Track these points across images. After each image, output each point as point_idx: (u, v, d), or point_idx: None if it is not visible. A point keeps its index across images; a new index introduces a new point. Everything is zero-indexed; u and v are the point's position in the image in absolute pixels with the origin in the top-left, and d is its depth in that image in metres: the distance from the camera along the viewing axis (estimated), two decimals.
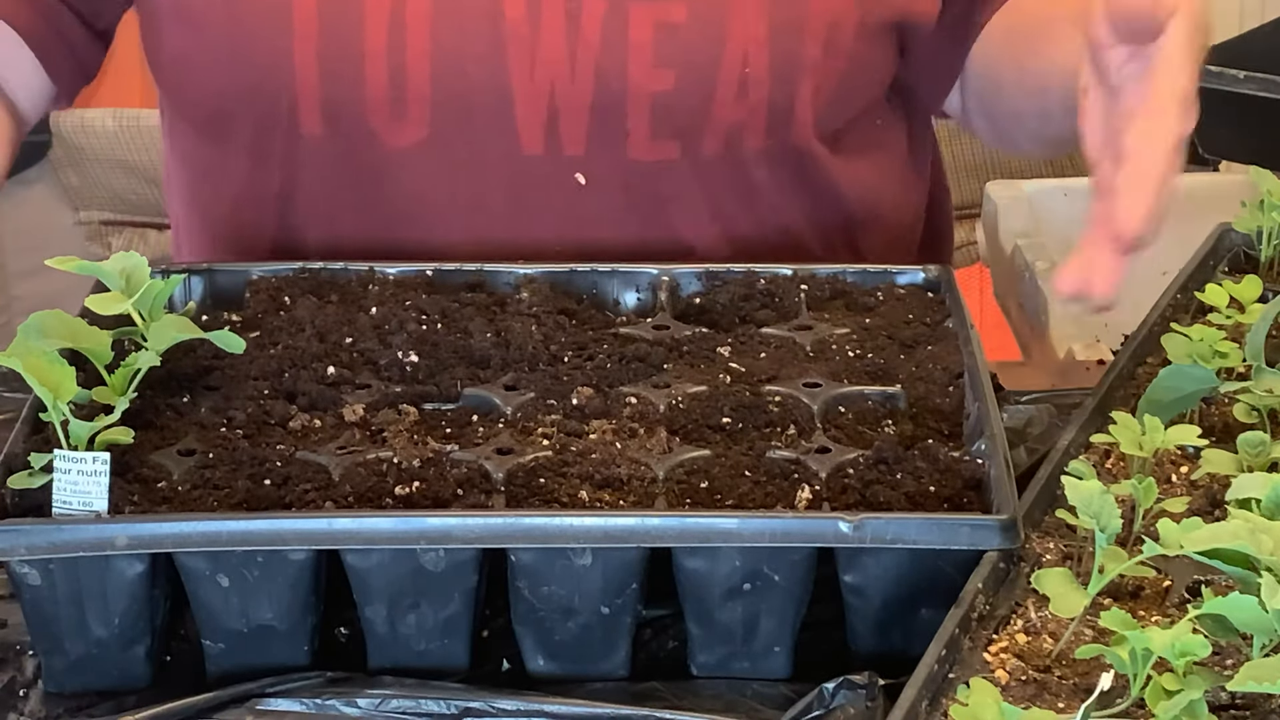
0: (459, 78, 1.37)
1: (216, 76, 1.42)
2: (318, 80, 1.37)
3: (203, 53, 1.42)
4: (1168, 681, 0.89)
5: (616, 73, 1.36)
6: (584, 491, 1.09)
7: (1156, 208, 1.09)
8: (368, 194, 1.42)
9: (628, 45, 1.36)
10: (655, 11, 1.36)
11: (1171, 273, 1.36)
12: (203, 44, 1.42)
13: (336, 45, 1.36)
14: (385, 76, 1.36)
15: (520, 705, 1.06)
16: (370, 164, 1.41)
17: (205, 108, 1.46)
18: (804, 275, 1.36)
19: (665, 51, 1.36)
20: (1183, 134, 1.11)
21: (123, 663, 1.10)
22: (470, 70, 1.36)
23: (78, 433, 1.09)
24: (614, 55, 1.36)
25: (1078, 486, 0.98)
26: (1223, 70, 1.75)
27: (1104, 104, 1.14)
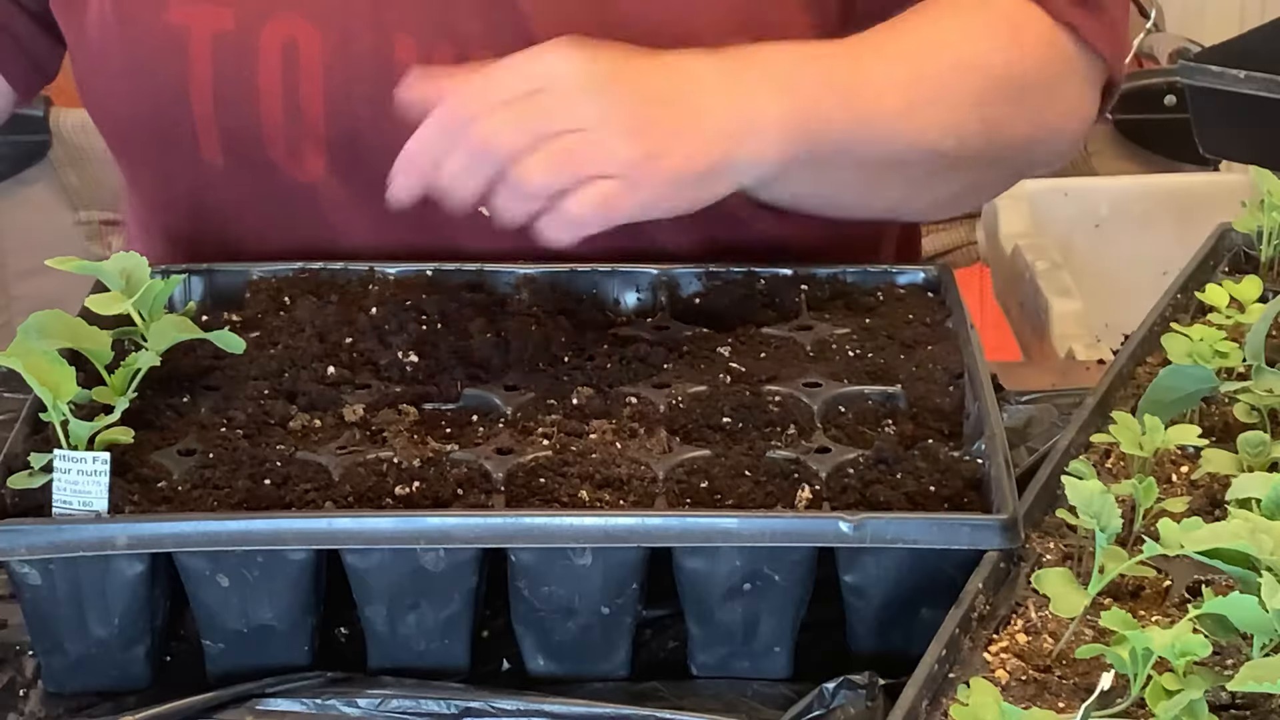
0: (350, 120, 1.36)
1: (118, 102, 1.42)
2: (213, 113, 1.37)
3: (103, 78, 1.41)
4: (1168, 681, 0.89)
5: None
6: (584, 491, 1.09)
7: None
8: (277, 219, 1.41)
9: None
10: None
11: (1171, 273, 1.36)
12: (103, 70, 1.41)
13: (231, 79, 1.36)
14: (280, 112, 1.36)
15: (520, 705, 1.06)
16: (275, 193, 1.39)
17: (112, 129, 1.46)
18: (804, 275, 1.36)
19: None
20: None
21: (123, 663, 1.10)
22: (361, 113, 1.35)
23: (78, 433, 1.09)
24: None
25: (1078, 486, 0.98)
26: (1223, 70, 1.75)
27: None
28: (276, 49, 1.34)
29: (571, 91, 1.19)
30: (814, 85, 1.26)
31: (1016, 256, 2.11)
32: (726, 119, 1.22)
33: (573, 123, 1.18)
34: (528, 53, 1.21)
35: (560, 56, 1.21)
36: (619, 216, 1.19)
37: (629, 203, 1.19)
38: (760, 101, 1.24)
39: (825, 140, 1.26)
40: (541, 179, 1.18)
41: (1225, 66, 1.75)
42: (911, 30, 1.33)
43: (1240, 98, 1.75)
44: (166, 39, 1.36)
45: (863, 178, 1.33)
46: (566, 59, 1.20)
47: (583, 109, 1.19)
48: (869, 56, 1.31)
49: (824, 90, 1.26)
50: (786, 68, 1.26)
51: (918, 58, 1.32)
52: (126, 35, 1.38)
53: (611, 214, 1.19)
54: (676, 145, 1.20)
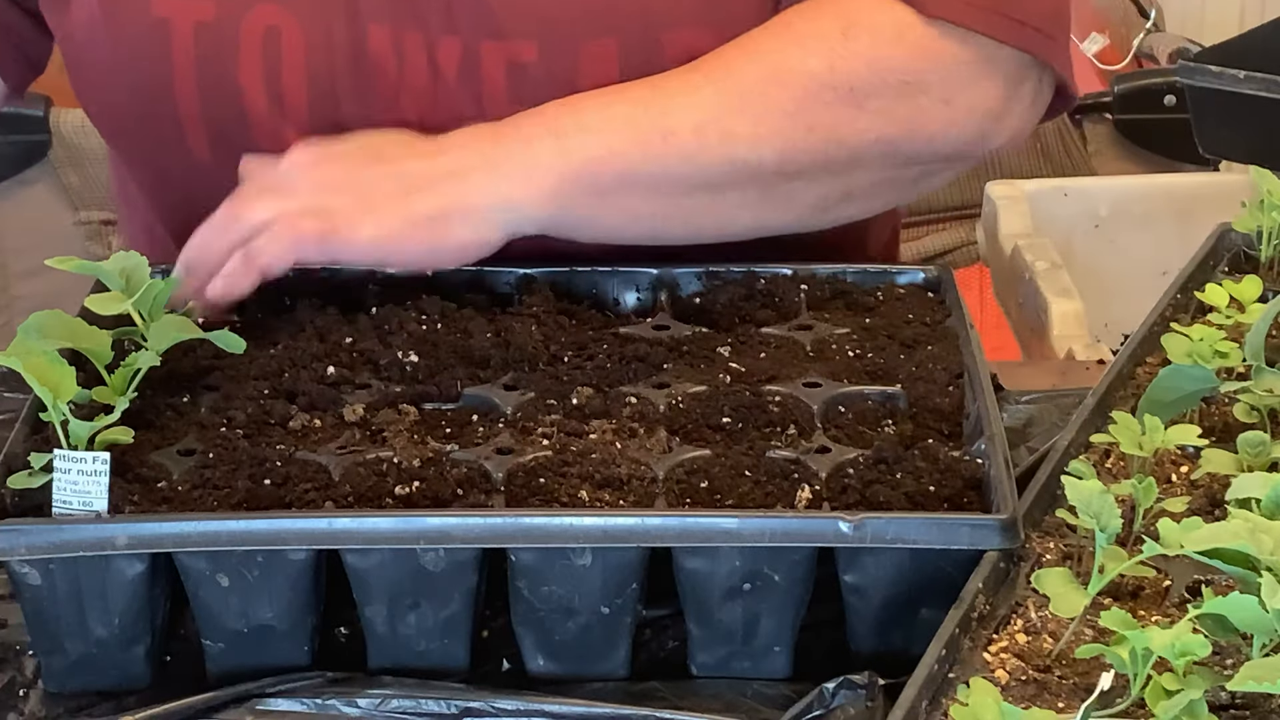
0: (332, 108, 1.36)
1: (105, 97, 1.42)
2: (199, 106, 1.37)
3: (92, 73, 1.42)
4: (1168, 681, 0.89)
5: (473, 111, 1.35)
6: (584, 491, 1.09)
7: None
8: None
9: (481, 83, 1.35)
10: (505, 50, 1.34)
11: (1171, 273, 1.36)
12: (90, 65, 1.41)
13: (214, 71, 1.36)
14: (264, 103, 1.36)
15: (520, 705, 1.06)
16: None
17: (104, 123, 1.47)
18: (804, 275, 1.36)
19: (518, 91, 1.34)
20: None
21: (123, 663, 1.10)
22: (341, 101, 1.36)
23: (78, 433, 1.09)
24: (470, 94, 1.35)
25: (1078, 486, 0.98)
26: (1223, 70, 1.75)
27: None
28: (257, 39, 1.35)
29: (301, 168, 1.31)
30: (593, 120, 1.29)
31: (1016, 256, 2.11)
32: (468, 166, 1.29)
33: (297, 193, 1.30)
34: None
35: (303, 146, 1.32)
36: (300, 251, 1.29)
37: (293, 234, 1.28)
38: (517, 145, 1.29)
39: (608, 169, 1.29)
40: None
41: (1225, 66, 1.75)
42: (727, 50, 1.33)
43: (1240, 98, 1.75)
44: (150, 33, 1.36)
45: (673, 199, 1.32)
46: (306, 146, 1.32)
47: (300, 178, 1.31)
48: (674, 80, 1.32)
49: (605, 123, 1.29)
50: (558, 111, 1.30)
51: (729, 73, 1.32)
52: (111, 30, 1.38)
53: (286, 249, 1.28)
54: (397, 196, 1.29)
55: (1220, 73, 1.75)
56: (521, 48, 1.34)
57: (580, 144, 1.29)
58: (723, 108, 1.30)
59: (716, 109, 1.30)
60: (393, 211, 1.28)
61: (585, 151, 1.28)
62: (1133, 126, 2.71)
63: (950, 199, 2.75)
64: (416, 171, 1.29)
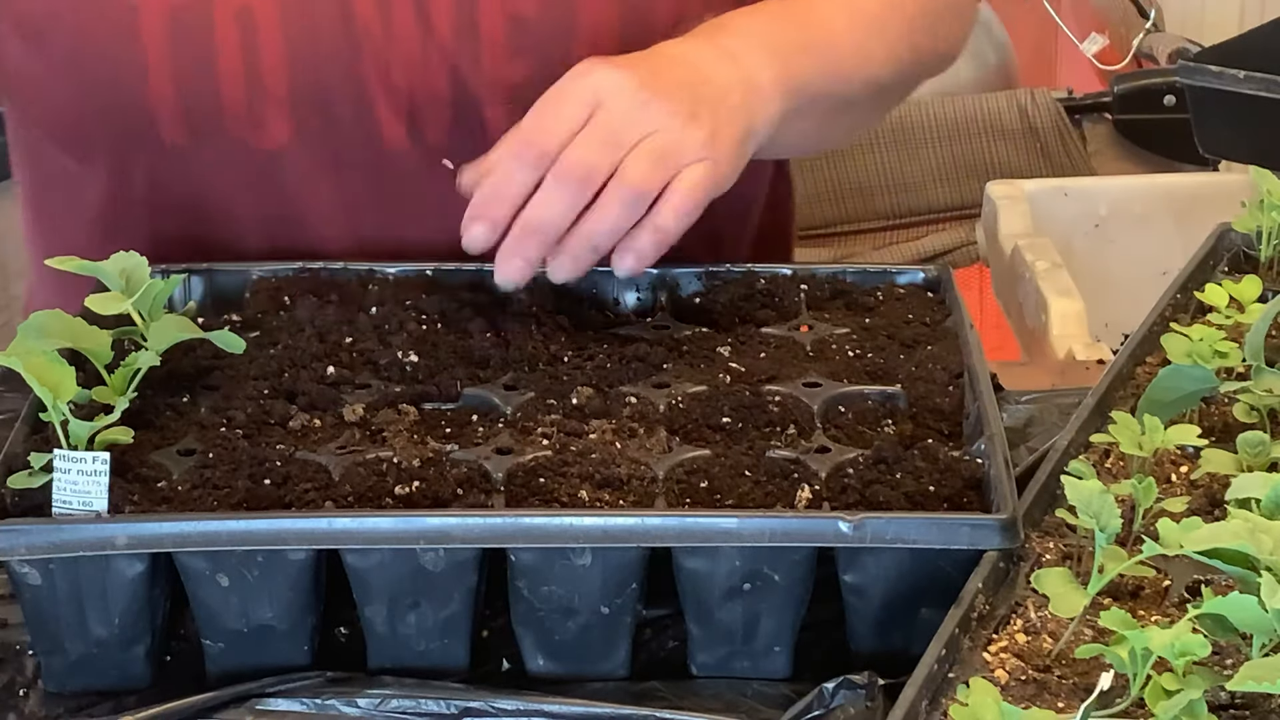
0: (315, 80, 1.35)
1: (68, 95, 1.39)
2: (174, 92, 1.35)
3: (51, 71, 1.39)
4: (1167, 681, 0.89)
5: (470, 67, 1.36)
6: (584, 491, 1.09)
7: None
8: (239, 198, 1.40)
9: (479, 39, 1.35)
10: (505, 3, 1.35)
11: (1171, 273, 1.36)
12: (50, 62, 1.38)
13: (189, 55, 1.34)
14: (242, 83, 1.35)
15: (520, 705, 1.06)
16: (238, 164, 1.38)
17: (60, 125, 1.42)
18: (804, 275, 1.36)
19: (517, 43, 1.36)
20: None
21: (123, 663, 1.10)
22: (325, 71, 1.35)
23: (78, 432, 1.09)
24: (466, 50, 1.35)
25: (1078, 486, 0.98)
26: (1223, 70, 1.75)
27: None
28: (231, 19, 1.33)
29: (625, 100, 1.24)
30: (786, 43, 1.33)
31: (1016, 256, 2.11)
32: (738, 89, 1.28)
33: (645, 127, 1.23)
34: (560, 86, 1.25)
35: (597, 76, 1.25)
36: (710, 195, 1.25)
37: (715, 179, 1.25)
38: (754, 68, 1.30)
39: (804, 93, 1.33)
40: (648, 179, 1.22)
41: (1225, 66, 1.76)
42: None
43: (1240, 98, 1.75)
44: (117, 22, 1.34)
45: (825, 120, 1.40)
46: (604, 75, 1.25)
47: (644, 112, 1.24)
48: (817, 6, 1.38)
49: (794, 47, 1.33)
50: (761, 32, 1.32)
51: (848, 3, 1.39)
52: (75, 23, 1.35)
53: (706, 194, 1.25)
54: (723, 118, 1.26)
55: (1220, 73, 1.75)
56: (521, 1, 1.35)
57: (796, 68, 1.32)
58: (862, 31, 1.39)
59: (859, 34, 1.38)
60: (731, 144, 1.27)
61: (798, 79, 1.32)
62: (1132, 126, 2.71)
63: (950, 199, 2.75)
64: (711, 95, 1.27)
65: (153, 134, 1.37)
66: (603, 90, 1.24)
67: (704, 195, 1.24)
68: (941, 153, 2.74)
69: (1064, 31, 3.12)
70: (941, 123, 2.73)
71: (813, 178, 2.75)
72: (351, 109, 1.36)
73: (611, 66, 1.25)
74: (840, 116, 1.42)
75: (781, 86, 1.30)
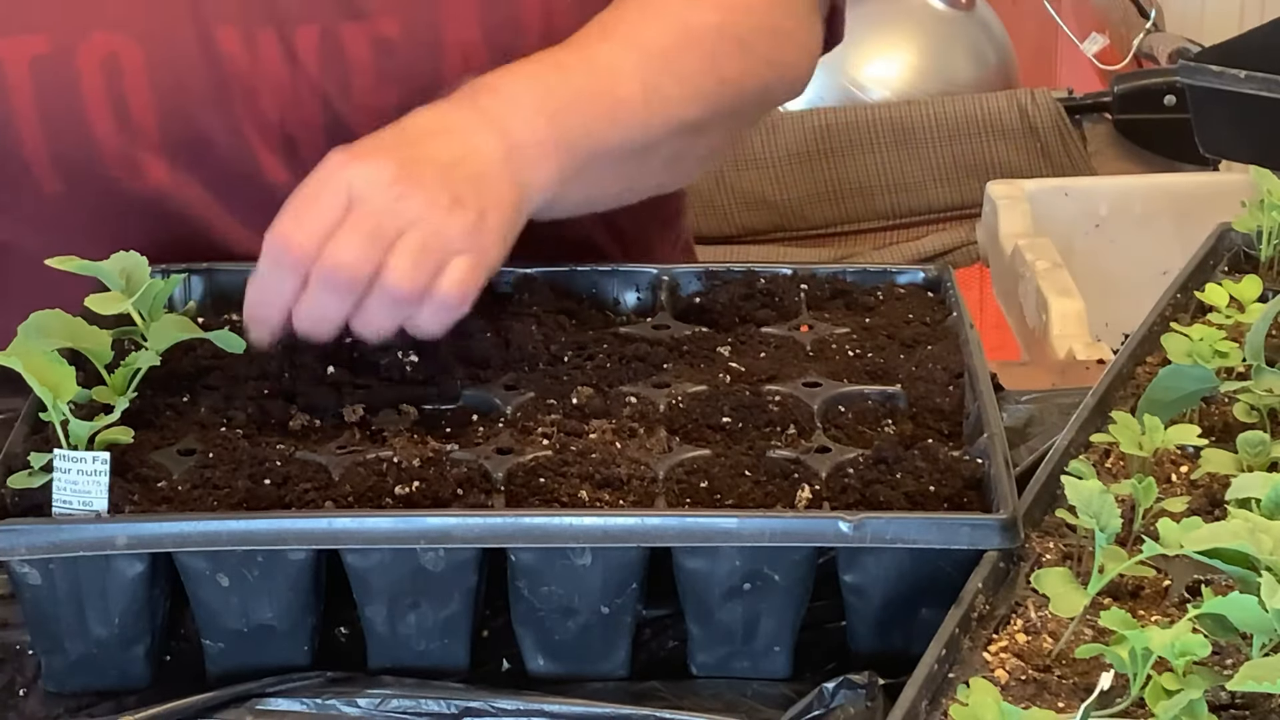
0: (187, 120, 1.34)
1: None
2: (45, 141, 1.34)
3: None
4: (1168, 681, 0.89)
5: (340, 94, 1.35)
6: (584, 491, 1.09)
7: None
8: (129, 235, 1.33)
9: (347, 65, 1.34)
10: (368, 29, 1.34)
11: (1171, 273, 1.36)
12: None
13: (56, 105, 1.32)
14: (113, 129, 1.33)
15: (520, 705, 1.06)
16: (121, 207, 1.36)
17: None
18: (804, 275, 1.36)
19: (384, 67, 1.34)
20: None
21: (123, 663, 1.10)
22: (196, 110, 1.34)
23: (78, 432, 1.09)
24: (334, 77, 1.34)
25: (1078, 486, 0.98)
26: (1223, 70, 1.75)
27: None
28: (96, 66, 1.31)
29: (381, 195, 1.19)
30: (560, 98, 1.28)
31: (1016, 256, 2.11)
32: (503, 159, 1.23)
33: (404, 220, 1.18)
34: (313, 180, 1.21)
35: (350, 171, 1.20)
36: (476, 287, 1.20)
37: (486, 264, 1.20)
38: (521, 131, 1.25)
39: (584, 147, 1.28)
40: (412, 280, 1.18)
41: (1225, 66, 1.76)
42: (631, 9, 1.35)
43: (1240, 98, 1.75)
44: None
45: (624, 170, 1.34)
46: (357, 170, 1.20)
47: (404, 204, 1.18)
48: (600, 51, 1.32)
49: (569, 100, 1.28)
50: (530, 91, 1.27)
51: (644, 38, 1.34)
52: None
53: (477, 282, 1.20)
54: (489, 197, 1.21)
55: (1220, 72, 1.75)
56: (384, 24, 1.34)
57: (568, 123, 1.27)
58: (653, 71, 1.32)
59: (648, 73, 1.32)
60: (498, 227, 1.21)
61: (573, 132, 1.27)
62: (1133, 126, 2.71)
63: (950, 199, 2.75)
64: (475, 172, 1.22)
65: (30, 182, 1.36)
66: (356, 186, 1.19)
67: (470, 289, 1.19)
68: (941, 153, 2.74)
69: (1064, 31, 3.12)
70: (941, 123, 2.73)
71: (813, 178, 2.75)
72: (226, 145, 1.34)
73: (363, 160, 1.20)
74: (644, 162, 1.35)
75: (555, 145, 1.26)
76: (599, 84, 1.30)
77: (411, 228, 1.18)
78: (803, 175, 2.75)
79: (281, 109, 1.35)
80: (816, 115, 2.75)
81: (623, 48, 1.32)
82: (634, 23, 1.34)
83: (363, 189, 1.18)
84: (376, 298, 1.18)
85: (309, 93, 1.35)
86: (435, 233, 1.18)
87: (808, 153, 2.74)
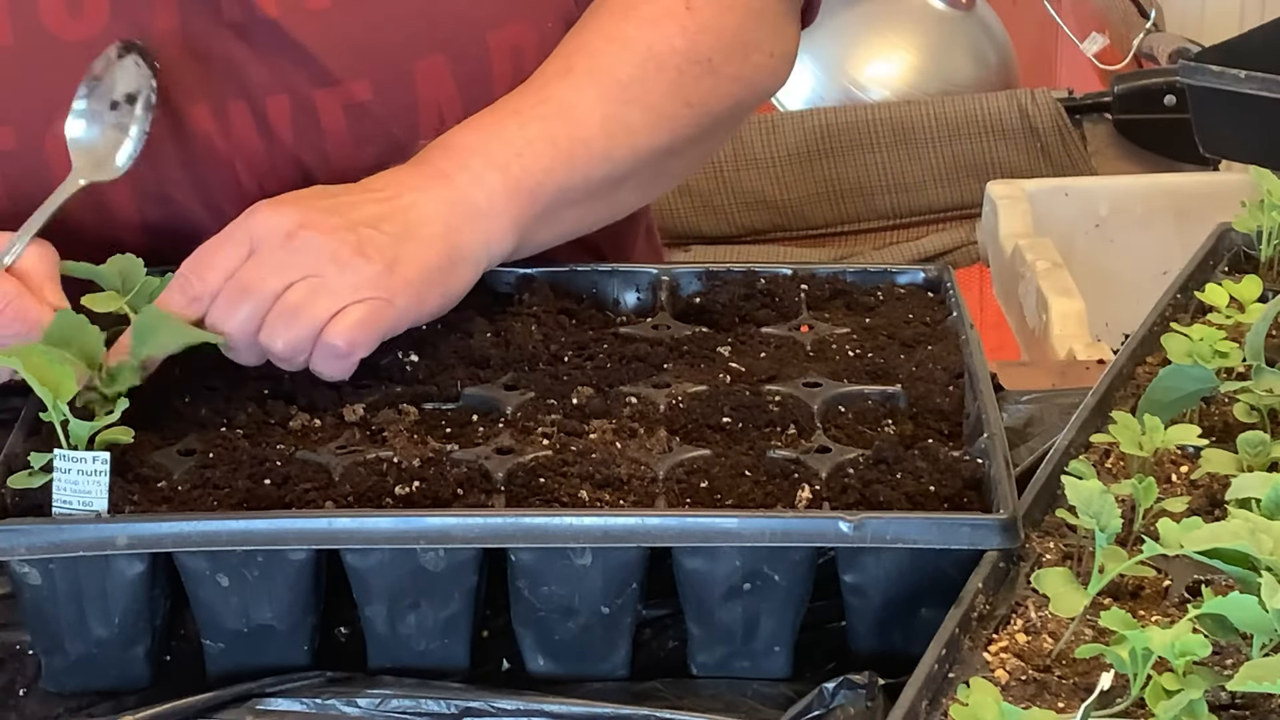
0: (163, 203, 1.33)
1: None
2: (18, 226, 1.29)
3: None
4: (1168, 681, 0.89)
5: (317, 161, 1.34)
6: (584, 491, 1.09)
7: None
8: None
9: (322, 133, 1.33)
10: (340, 95, 1.33)
11: (1172, 273, 1.36)
12: None
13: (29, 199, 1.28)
14: (90, 218, 1.31)
15: (520, 705, 1.06)
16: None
17: None
18: (804, 275, 1.36)
19: (361, 131, 1.33)
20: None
21: (123, 663, 1.10)
22: (172, 193, 1.33)
23: (78, 432, 1.09)
24: (310, 146, 1.33)
25: (1078, 486, 0.98)
26: (1223, 70, 1.75)
27: None
28: (65, 156, 1.28)
29: (276, 245, 1.19)
30: (514, 147, 1.28)
31: (1016, 256, 2.11)
32: (442, 215, 1.23)
33: (295, 273, 1.18)
34: (228, 228, 1.21)
35: (255, 218, 1.20)
36: (384, 330, 1.20)
37: (385, 315, 1.19)
38: (470, 186, 1.25)
39: (546, 190, 1.28)
40: (281, 341, 1.18)
41: (1225, 66, 1.76)
42: (594, 38, 1.35)
43: (1240, 98, 1.75)
44: None
45: (594, 204, 1.34)
46: (261, 218, 1.20)
47: (295, 257, 1.19)
48: (558, 90, 1.32)
49: (523, 147, 1.28)
50: (482, 144, 1.27)
51: (607, 68, 1.33)
52: None
53: (373, 332, 1.19)
54: (406, 251, 1.21)
55: (1220, 72, 1.75)
56: (356, 88, 1.33)
57: (522, 171, 1.27)
58: (615, 102, 1.32)
59: (610, 105, 1.32)
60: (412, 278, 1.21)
61: (530, 179, 1.27)
62: (1133, 126, 2.71)
63: (950, 199, 2.75)
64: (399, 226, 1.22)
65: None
66: (256, 233, 1.19)
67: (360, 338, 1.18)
68: (941, 153, 2.74)
69: (1064, 31, 3.12)
70: (941, 123, 2.73)
71: (813, 178, 2.75)
72: (203, 217, 1.33)
73: (273, 208, 1.21)
74: (613, 193, 1.35)
75: (514, 194, 1.26)
76: (556, 128, 1.30)
77: (302, 281, 1.18)
78: (803, 175, 2.74)
79: (259, 179, 1.33)
80: (816, 115, 2.75)
81: (584, 81, 1.32)
82: (596, 53, 1.34)
83: (261, 238, 1.19)
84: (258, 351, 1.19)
85: (285, 162, 1.33)
86: (326, 286, 1.18)
87: (808, 153, 2.74)
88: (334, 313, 1.18)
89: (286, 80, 1.32)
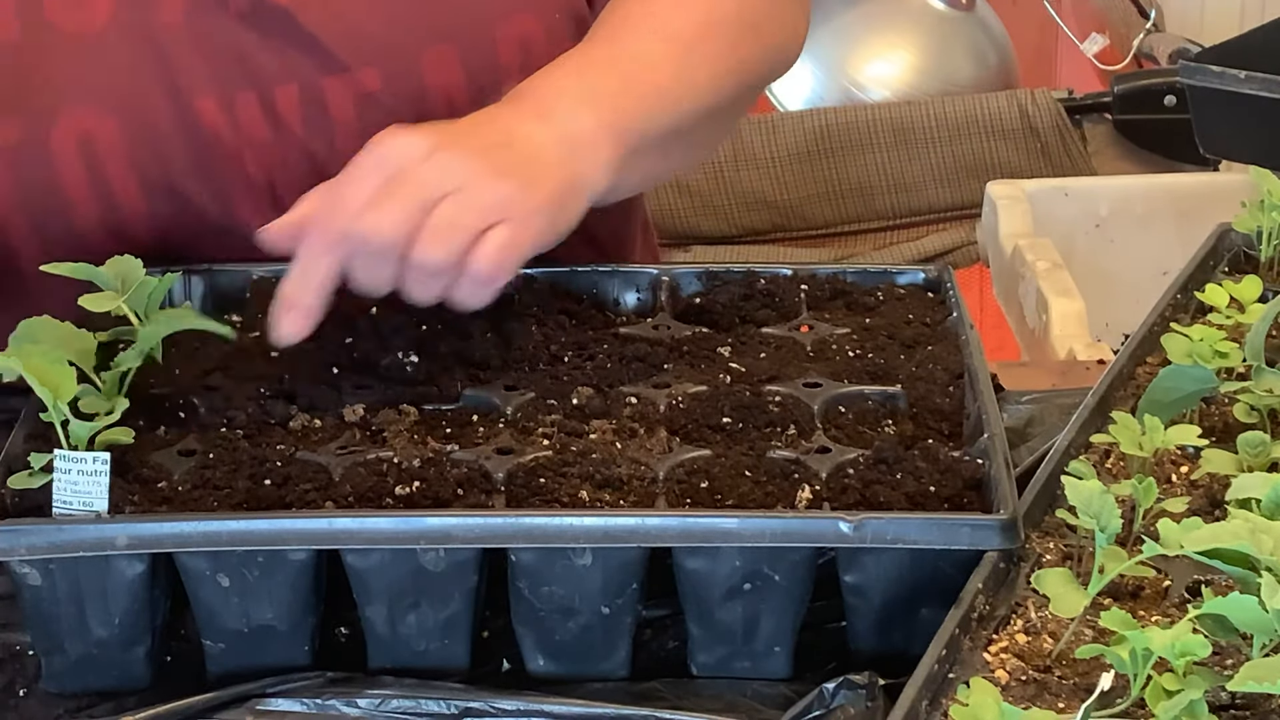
0: (172, 194, 1.33)
1: None
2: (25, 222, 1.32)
3: None
4: (1168, 681, 0.89)
5: (325, 150, 1.34)
6: (584, 491, 1.09)
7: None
8: None
9: (331, 122, 1.34)
10: (349, 83, 1.33)
11: (1172, 273, 1.36)
12: None
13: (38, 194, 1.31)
14: (97, 212, 1.32)
15: (520, 705, 1.06)
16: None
17: None
18: (804, 275, 1.36)
19: (369, 119, 1.33)
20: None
21: (123, 663, 1.10)
22: (179, 181, 1.33)
23: (78, 433, 1.09)
24: (319, 135, 1.34)
25: (1078, 486, 0.98)
26: (1223, 70, 1.75)
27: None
28: (72, 149, 1.30)
29: (424, 163, 1.18)
30: (601, 90, 1.28)
31: (1016, 256, 2.11)
32: (554, 146, 1.23)
33: (441, 189, 1.17)
34: (363, 151, 1.20)
35: (396, 142, 1.20)
36: (524, 254, 1.20)
37: (527, 238, 1.19)
38: (570, 122, 1.25)
39: (635, 133, 1.29)
40: (441, 253, 1.17)
41: (1225, 66, 1.76)
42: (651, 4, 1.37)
43: (1240, 98, 1.75)
44: None
45: (663, 154, 1.36)
46: (402, 141, 1.20)
47: (442, 174, 1.18)
48: (629, 43, 1.34)
49: (611, 91, 1.29)
50: (571, 86, 1.28)
51: (671, 28, 1.36)
52: None
53: (517, 255, 1.19)
54: (537, 173, 1.21)
55: (1221, 73, 1.75)
56: (365, 76, 1.33)
57: (613, 114, 1.27)
58: (682, 61, 1.34)
59: (679, 63, 1.34)
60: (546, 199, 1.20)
61: (621, 121, 1.28)
62: (1133, 126, 2.71)
63: (950, 199, 2.75)
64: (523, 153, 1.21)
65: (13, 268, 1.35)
66: (393, 156, 1.18)
67: (505, 263, 1.18)
68: (941, 153, 2.74)
69: (1064, 31, 3.12)
70: (941, 123, 2.73)
71: (813, 178, 2.75)
72: (212, 209, 1.34)
73: (407, 131, 1.20)
74: (676, 146, 1.36)
75: (609, 132, 1.26)
76: (636, 72, 1.31)
77: (448, 197, 1.17)
78: (803, 175, 2.75)
79: (268, 171, 1.33)
80: (816, 115, 2.75)
81: (649, 38, 1.34)
82: (660, 14, 1.36)
83: (400, 159, 1.18)
84: (409, 270, 1.18)
85: (295, 152, 1.34)
86: (473, 202, 1.17)
87: (808, 153, 2.74)
88: (482, 229, 1.17)
89: (295, 69, 1.32)
